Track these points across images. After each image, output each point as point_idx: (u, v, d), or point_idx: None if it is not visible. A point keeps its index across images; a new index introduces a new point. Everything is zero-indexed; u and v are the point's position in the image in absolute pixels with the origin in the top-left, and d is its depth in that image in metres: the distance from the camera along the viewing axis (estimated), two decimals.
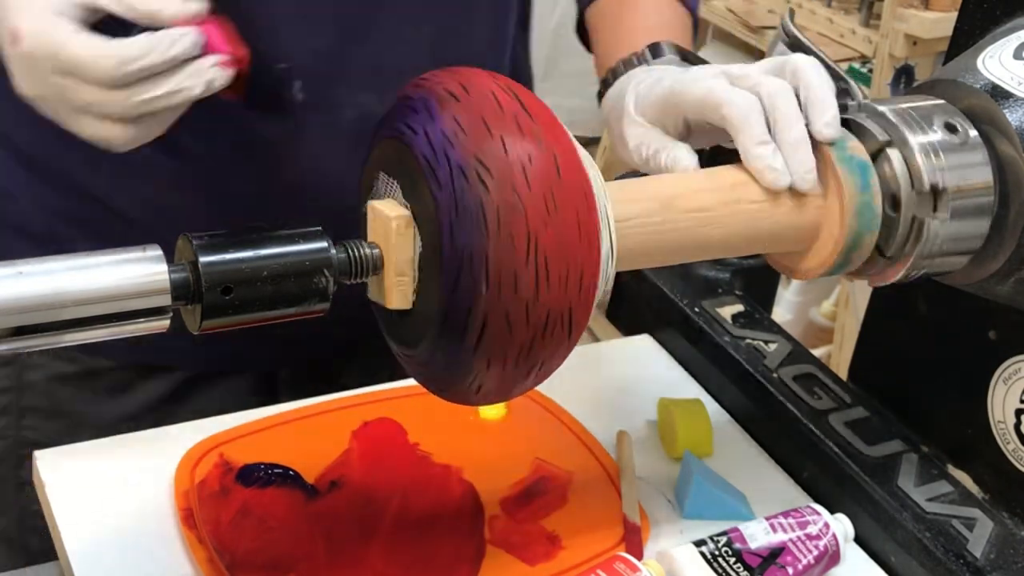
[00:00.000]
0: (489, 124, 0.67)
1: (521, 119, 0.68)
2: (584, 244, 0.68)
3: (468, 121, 0.67)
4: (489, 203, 0.66)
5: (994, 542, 0.92)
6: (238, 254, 0.66)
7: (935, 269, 0.82)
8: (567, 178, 0.68)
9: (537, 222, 0.67)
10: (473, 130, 0.67)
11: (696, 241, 0.77)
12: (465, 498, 0.96)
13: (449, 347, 0.69)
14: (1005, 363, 0.96)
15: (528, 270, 0.67)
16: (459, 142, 0.67)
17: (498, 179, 0.66)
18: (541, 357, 0.69)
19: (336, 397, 1.05)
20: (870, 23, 2.33)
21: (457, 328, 0.68)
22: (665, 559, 0.90)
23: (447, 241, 0.67)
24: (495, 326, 0.67)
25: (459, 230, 0.66)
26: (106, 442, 1.00)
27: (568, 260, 0.68)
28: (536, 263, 0.67)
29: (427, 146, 0.67)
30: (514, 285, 0.67)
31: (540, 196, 0.67)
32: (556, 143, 0.69)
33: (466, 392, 0.72)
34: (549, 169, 0.67)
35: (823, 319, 2.62)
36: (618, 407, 1.05)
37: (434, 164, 0.67)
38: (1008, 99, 0.80)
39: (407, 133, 0.69)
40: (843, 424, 1.03)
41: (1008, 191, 0.80)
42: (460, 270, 0.67)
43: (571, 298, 0.68)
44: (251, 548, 0.89)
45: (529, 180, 0.66)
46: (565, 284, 0.68)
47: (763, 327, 1.14)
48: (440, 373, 0.72)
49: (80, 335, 0.65)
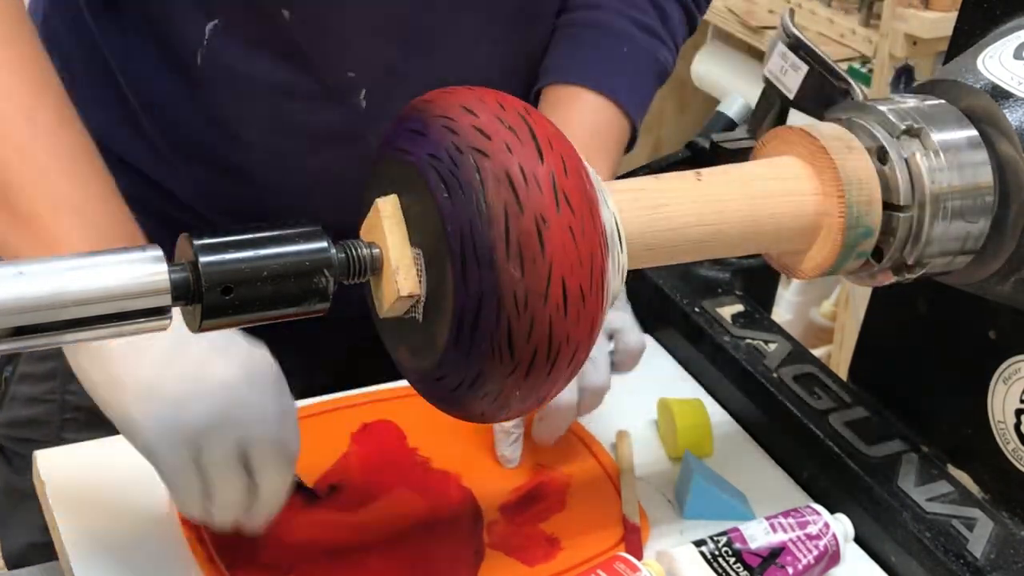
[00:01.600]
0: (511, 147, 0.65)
1: (542, 144, 0.66)
2: (586, 267, 0.67)
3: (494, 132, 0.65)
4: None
5: (994, 542, 0.92)
6: (238, 254, 0.66)
7: (935, 269, 0.82)
8: (573, 179, 0.66)
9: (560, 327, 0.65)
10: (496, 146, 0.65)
11: (700, 241, 0.77)
12: (464, 504, 0.96)
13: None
14: (1005, 363, 0.96)
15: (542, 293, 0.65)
16: (492, 149, 0.65)
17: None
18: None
19: (335, 397, 1.05)
20: (870, 23, 2.33)
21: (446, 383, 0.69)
22: (665, 559, 0.90)
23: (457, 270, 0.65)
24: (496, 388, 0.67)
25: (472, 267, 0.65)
26: (106, 442, 0.99)
27: (580, 281, 0.66)
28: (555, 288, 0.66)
29: (457, 240, 0.64)
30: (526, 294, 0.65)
31: (549, 193, 0.65)
32: (564, 148, 0.67)
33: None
34: (575, 295, 0.65)
35: (823, 319, 2.62)
36: (618, 407, 1.05)
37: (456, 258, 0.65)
38: (1008, 99, 0.80)
39: (445, 206, 0.65)
40: (843, 424, 1.03)
41: (1008, 191, 0.80)
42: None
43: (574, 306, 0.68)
44: (251, 549, 0.89)
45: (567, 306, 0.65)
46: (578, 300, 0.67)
47: (763, 327, 1.14)
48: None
49: (80, 335, 0.65)
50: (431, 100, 0.69)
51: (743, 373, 1.09)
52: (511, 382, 0.66)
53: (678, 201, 0.77)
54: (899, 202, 0.79)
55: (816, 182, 0.78)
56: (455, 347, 0.66)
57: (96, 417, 1.10)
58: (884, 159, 0.79)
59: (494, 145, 0.65)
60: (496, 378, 0.66)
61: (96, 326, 0.65)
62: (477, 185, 0.65)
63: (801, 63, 1.01)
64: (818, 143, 0.79)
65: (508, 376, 0.66)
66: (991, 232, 0.81)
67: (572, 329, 0.66)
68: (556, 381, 0.68)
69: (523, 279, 0.64)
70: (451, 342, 0.66)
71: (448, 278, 0.65)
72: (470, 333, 0.65)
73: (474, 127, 0.66)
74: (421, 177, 0.66)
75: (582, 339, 0.67)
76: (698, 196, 0.78)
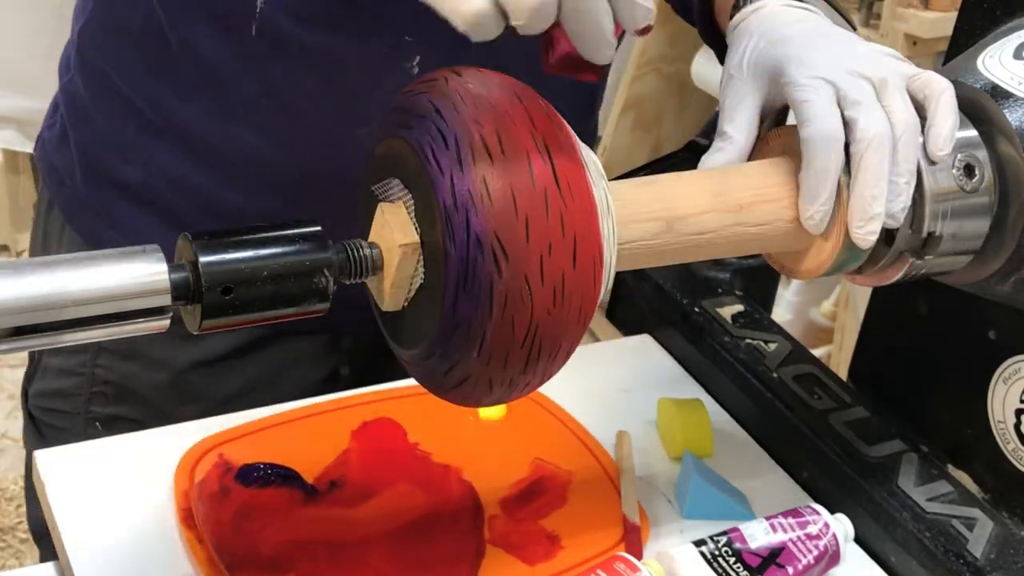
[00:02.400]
0: (517, 200, 0.66)
1: (551, 194, 0.67)
2: (579, 325, 0.70)
3: (497, 189, 0.66)
4: (498, 286, 0.66)
5: (994, 542, 0.92)
6: (238, 254, 0.66)
7: (935, 269, 0.82)
8: (581, 266, 0.68)
9: (542, 312, 0.67)
10: (500, 202, 0.66)
11: (692, 255, 0.78)
12: (464, 498, 0.96)
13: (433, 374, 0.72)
14: (1005, 363, 0.96)
15: (521, 352, 0.68)
16: (483, 210, 0.66)
17: (513, 264, 0.66)
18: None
19: (336, 397, 1.05)
20: (870, 23, 2.33)
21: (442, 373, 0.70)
22: (665, 559, 0.90)
23: (449, 304, 0.67)
24: (477, 384, 0.70)
25: (463, 299, 0.66)
26: (106, 442, 1.00)
27: (561, 340, 0.69)
28: (531, 347, 0.68)
29: (450, 195, 0.66)
30: (504, 361, 0.68)
31: (550, 288, 0.67)
32: (578, 220, 0.68)
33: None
34: (565, 260, 0.67)
35: (823, 319, 2.61)
36: (618, 407, 1.05)
37: (453, 219, 0.66)
38: (1008, 99, 0.80)
39: (432, 167, 0.67)
40: (843, 424, 1.03)
41: (1008, 191, 0.80)
42: (455, 332, 0.68)
43: (556, 368, 0.71)
44: (250, 548, 0.89)
45: (543, 273, 0.66)
46: (554, 359, 0.70)
47: (763, 327, 1.14)
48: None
49: (80, 335, 0.65)
50: (428, 83, 0.70)
51: (743, 373, 1.09)
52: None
53: (681, 225, 0.77)
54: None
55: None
56: (452, 310, 0.67)
57: (123, 391, 1.11)
58: None
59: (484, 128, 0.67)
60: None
61: (96, 326, 0.65)
62: (470, 164, 0.66)
63: None
64: None
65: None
66: (991, 232, 0.81)
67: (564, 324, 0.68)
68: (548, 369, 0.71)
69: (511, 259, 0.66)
70: (447, 312, 0.67)
71: (442, 260, 0.67)
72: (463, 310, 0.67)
73: (470, 109, 0.67)
74: (415, 154, 0.68)
75: (574, 329, 0.69)
76: (703, 219, 0.77)
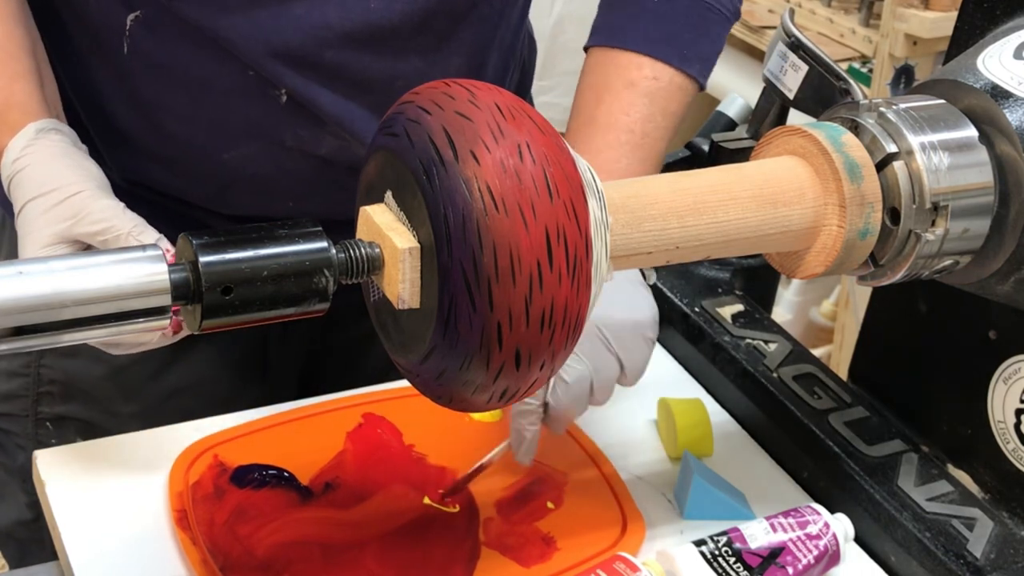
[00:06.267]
0: (512, 201, 0.65)
1: (540, 192, 0.66)
2: (571, 342, 0.69)
3: (496, 192, 0.65)
4: (496, 288, 0.65)
5: (994, 542, 0.92)
6: (238, 254, 0.66)
7: (935, 269, 0.82)
8: (577, 283, 0.67)
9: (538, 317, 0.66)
10: (499, 205, 0.65)
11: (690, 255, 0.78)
12: (460, 500, 0.96)
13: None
14: (1005, 363, 0.96)
15: (513, 361, 0.67)
16: (479, 211, 0.65)
17: (507, 271, 0.65)
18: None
19: (332, 398, 1.05)
20: (870, 23, 2.33)
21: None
22: (665, 559, 0.90)
23: (444, 309, 0.67)
24: (474, 391, 0.69)
25: (459, 304, 0.66)
26: (105, 442, 1.00)
27: (556, 350, 0.68)
28: (528, 356, 0.68)
29: (447, 196, 0.65)
30: (499, 370, 0.68)
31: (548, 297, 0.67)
32: (571, 233, 0.67)
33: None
34: (561, 274, 0.66)
35: (823, 319, 2.61)
36: (618, 407, 1.05)
37: (450, 221, 0.65)
38: (1008, 99, 0.80)
39: (439, 213, 0.66)
40: (843, 424, 1.03)
41: (1008, 191, 0.80)
42: (451, 337, 0.67)
43: (545, 378, 0.71)
44: (245, 550, 0.89)
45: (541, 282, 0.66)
46: (544, 370, 0.70)
47: (763, 327, 1.14)
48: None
49: (80, 335, 0.65)
50: (415, 95, 0.70)
51: (743, 373, 1.09)
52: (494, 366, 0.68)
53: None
54: (899, 202, 0.79)
55: (816, 182, 0.78)
56: (443, 324, 0.67)
57: (69, 388, 1.10)
58: (889, 169, 0.79)
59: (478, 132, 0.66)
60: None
61: (96, 326, 0.65)
62: (453, 166, 0.66)
63: (801, 63, 1.01)
64: (818, 143, 0.79)
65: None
66: (991, 232, 0.81)
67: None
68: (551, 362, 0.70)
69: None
70: (440, 318, 0.67)
71: (435, 265, 0.66)
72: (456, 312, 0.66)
73: (455, 116, 0.67)
74: (404, 165, 0.67)
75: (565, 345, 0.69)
76: (697, 196, 0.78)
